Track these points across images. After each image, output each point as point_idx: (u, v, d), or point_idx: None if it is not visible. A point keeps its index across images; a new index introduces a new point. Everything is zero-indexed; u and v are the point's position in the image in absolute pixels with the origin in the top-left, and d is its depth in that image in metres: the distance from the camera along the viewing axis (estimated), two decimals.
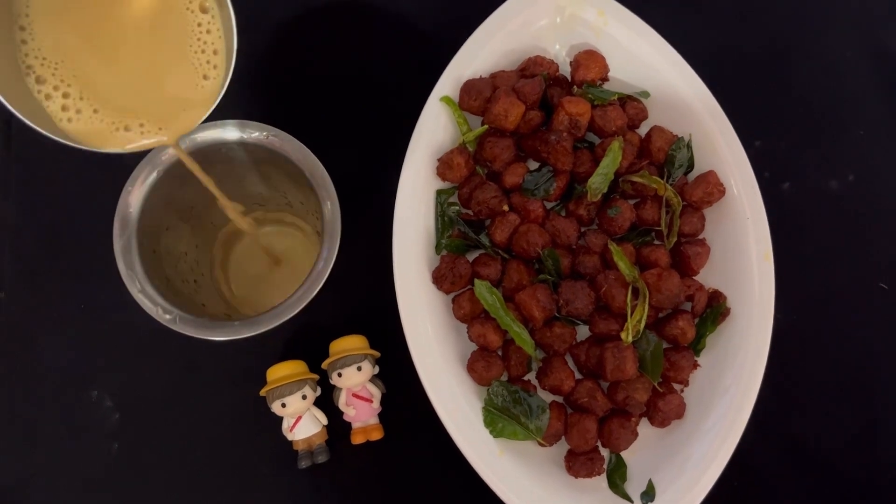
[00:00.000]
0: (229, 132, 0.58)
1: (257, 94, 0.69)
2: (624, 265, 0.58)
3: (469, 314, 0.60)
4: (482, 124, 0.63)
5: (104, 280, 0.62)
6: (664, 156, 0.63)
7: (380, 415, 0.62)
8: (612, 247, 0.59)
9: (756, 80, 0.71)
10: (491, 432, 0.58)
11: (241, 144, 0.58)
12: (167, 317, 0.54)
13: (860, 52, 0.72)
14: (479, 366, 0.59)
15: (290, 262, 0.66)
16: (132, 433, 0.63)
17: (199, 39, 0.48)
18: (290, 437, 0.60)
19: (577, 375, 0.61)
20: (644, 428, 0.60)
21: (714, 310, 0.61)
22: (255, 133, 0.58)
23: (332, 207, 0.57)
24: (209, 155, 0.58)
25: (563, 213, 0.63)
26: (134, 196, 0.56)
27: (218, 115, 0.60)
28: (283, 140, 0.58)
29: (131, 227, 0.55)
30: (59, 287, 0.65)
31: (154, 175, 0.56)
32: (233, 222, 0.59)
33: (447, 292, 0.61)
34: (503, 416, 0.58)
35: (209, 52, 0.49)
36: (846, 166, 0.69)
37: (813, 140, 0.70)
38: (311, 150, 0.59)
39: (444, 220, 0.62)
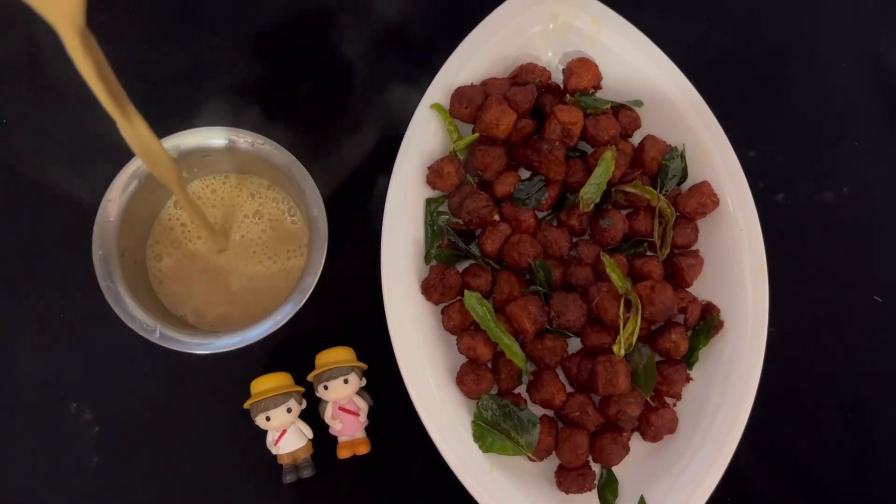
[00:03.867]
0: (215, 139, 0.57)
1: (244, 101, 0.68)
2: (616, 277, 0.57)
3: (458, 326, 0.59)
4: (473, 132, 0.62)
5: (84, 289, 0.61)
6: (657, 166, 0.62)
7: (367, 428, 0.61)
8: (605, 258, 0.58)
9: (751, 91, 0.70)
10: (480, 447, 0.57)
11: (227, 151, 0.57)
12: (148, 329, 0.53)
13: (855, 63, 0.71)
14: (468, 379, 0.58)
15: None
16: (112, 447, 0.61)
17: None
18: (274, 451, 0.59)
19: (569, 389, 0.60)
20: (636, 443, 0.59)
21: (707, 322, 0.60)
22: (242, 140, 0.57)
23: (318, 216, 0.56)
24: (191, 161, 0.57)
25: (555, 224, 0.62)
26: (114, 205, 0.55)
27: (204, 121, 0.60)
28: (270, 148, 0.57)
29: (111, 238, 0.54)
30: (37, 296, 0.64)
31: (135, 184, 0.55)
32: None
33: (436, 303, 0.60)
34: (493, 431, 0.57)
35: None
36: (841, 178, 0.69)
37: (808, 151, 0.70)
38: (298, 158, 0.58)
39: (433, 230, 0.61)
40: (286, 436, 0.59)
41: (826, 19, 0.73)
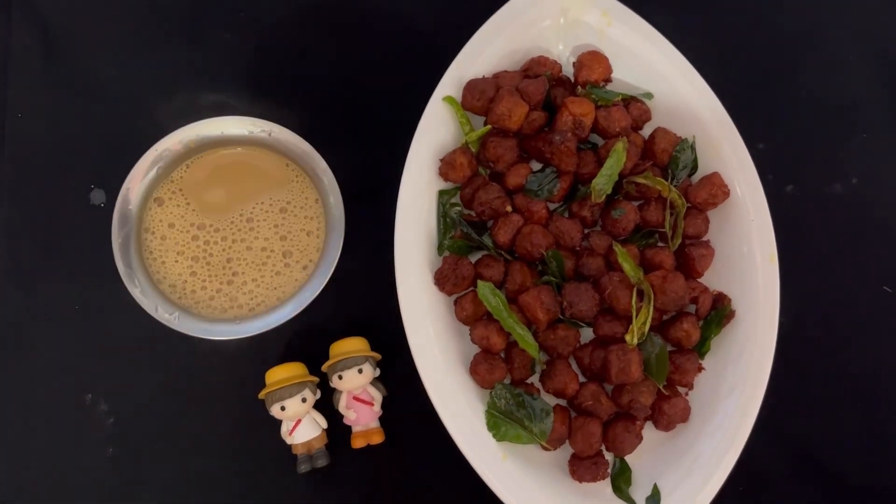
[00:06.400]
0: (233, 127, 0.57)
1: (260, 93, 0.68)
2: (629, 266, 0.58)
3: (472, 316, 0.59)
4: (485, 124, 0.62)
5: (100, 280, 0.61)
6: (668, 157, 0.62)
7: (381, 418, 0.61)
8: (617, 248, 0.58)
9: (760, 83, 0.71)
10: (494, 436, 0.57)
11: (245, 140, 0.58)
12: (167, 316, 0.53)
13: (864, 55, 0.72)
14: (481, 368, 0.58)
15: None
16: (127, 437, 0.62)
17: None
18: (289, 440, 0.59)
19: (581, 378, 0.60)
20: (649, 432, 0.59)
21: (719, 312, 0.60)
22: (259, 129, 0.57)
23: (335, 204, 0.57)
24: (209, 149, 0.58)
25: (567, 215, 0.62)
26: (134, 193, 0.55)
27: (221, 111, 0.60)
28: (287, 137, 0.57)
29: (130, 225, 0.54)
30: (53, 287, 0.64)
31: (154, 172, 0.56)
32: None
33: (449, 294, 0.60)
34: (506, 420, 0.57)
35: None
36: (850, 169, 0.69)
37: (817, 143, 0.70)
38: (315, 149, 0.58)
39: (446, 221, 0.62)
40: (301, 425, 0.59)
41: (835, 11, 0.73)
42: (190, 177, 0.58)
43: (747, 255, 0.61)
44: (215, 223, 0.60)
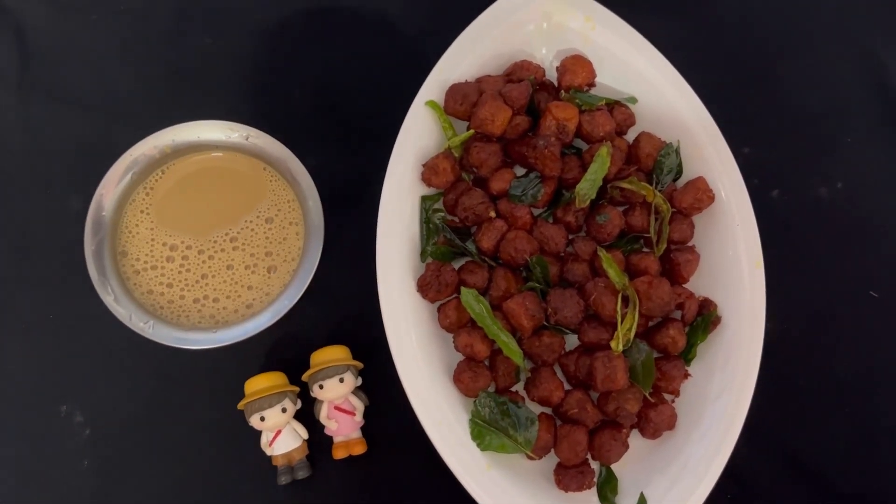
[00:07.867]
0: (210, 132, 0.56)
1: (239, 96, 0.67)
2: (613, 272, 0.57)
3: (455, 323, 0.59)
4: (468, 129, 0.61)
5: (74, 288, 0.60)
6: (653, 162, 0.62)
7: (363, 428, 0.60)
8: (602, 253, 0.58)
9: (745, 87, 0.71)
10: (478, 445, 0.56)
11: (222, 145, 0.57)
12: (141, 325, 0.52)
13: (849, 60, 0.72)
14: (465, 376, 0.57)
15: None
16: (103, 449, 0.61)
17: None
18: (269, 452, 0.58)
19: (567, 386, 0.59)
20: (635, 440, 0.59)
21: (705, 318, 0.60)
22: (236, 134, 0.56)
23: (314, 209, 0.56)
24: (185, 154, 0.57)
25: (551, 220, 0.62)
26: (108, 199, 0.54)
27: (199, 115, 0.59)
28: (265, 142, 0.57)
29: (104, 231, 0.53)
30: (26, 296, 0.63)
31: (128, 178, 0.55)
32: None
33: (432, 301, 0.60)
34: (491, 429, 0.57)
35: None
36: (835, 174, 0.69)
37: (802, 147, 0.70)
38: (293, 153, 0.58)
39: (429, 227, 0.61)
40: (281, 436, 0.58)
41: (820, 16, 0.73)
42: (165, 182, 0.57)
43: (733, 259, 0.60)
44: (192, 236, 0.59)
